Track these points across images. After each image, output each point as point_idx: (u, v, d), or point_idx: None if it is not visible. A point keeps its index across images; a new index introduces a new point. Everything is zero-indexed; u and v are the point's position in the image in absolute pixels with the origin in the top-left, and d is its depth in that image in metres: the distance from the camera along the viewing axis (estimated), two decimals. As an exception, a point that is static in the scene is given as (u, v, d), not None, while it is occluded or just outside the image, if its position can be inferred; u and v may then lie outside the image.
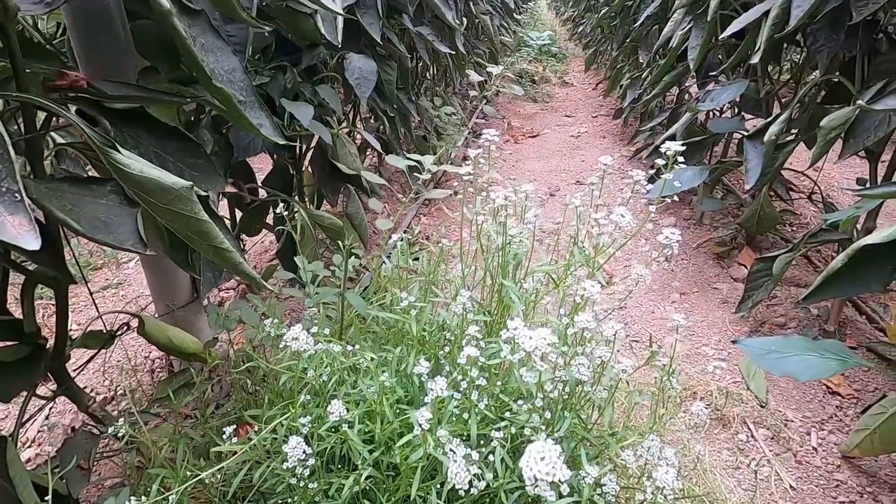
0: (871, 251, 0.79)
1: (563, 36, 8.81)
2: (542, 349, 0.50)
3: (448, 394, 0.54)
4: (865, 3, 1.08)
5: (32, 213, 0.37)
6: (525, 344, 0.50)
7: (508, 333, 0.53)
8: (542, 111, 4.37)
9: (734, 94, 1.55)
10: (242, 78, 0.84)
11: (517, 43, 5.89)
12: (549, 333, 0.51)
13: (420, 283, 0.93)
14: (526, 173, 2.90)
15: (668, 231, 0.70)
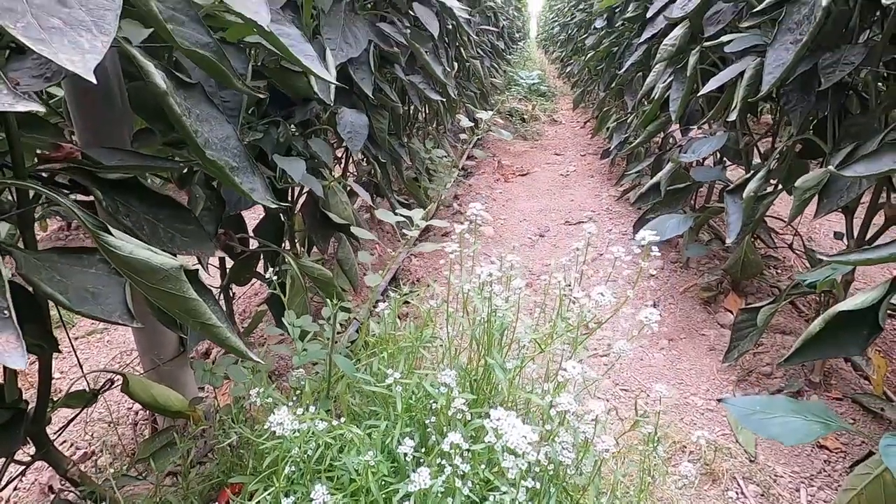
0: (848, 316, 0.81)
1: (553, 74, 9.09)
2: (522, 448, 0.50)
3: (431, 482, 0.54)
4: (832, 70, 1.14)
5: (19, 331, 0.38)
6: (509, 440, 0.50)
7: (492, 423, 0.53)
8: (532, 149, 4.47)
9: (715, 147, 1.61)
10: (236, 145, 0.86)
11: (507, 82, 6.07)
12: (530, 431, 0.51)
13: (407, 348, 0.93)
14: (516, 213, 2.94)
15: (647, 311, 0.72)
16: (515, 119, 5.08)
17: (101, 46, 0.52)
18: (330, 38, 1.40)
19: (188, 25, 0.85)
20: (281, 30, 0.99)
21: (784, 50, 1.13)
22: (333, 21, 1.42)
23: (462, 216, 2.78)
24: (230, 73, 0.87)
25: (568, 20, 6.21)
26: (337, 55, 1.39)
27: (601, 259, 2.31)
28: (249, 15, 0.83)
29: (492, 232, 2.60)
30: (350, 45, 1.42)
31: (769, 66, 1.15)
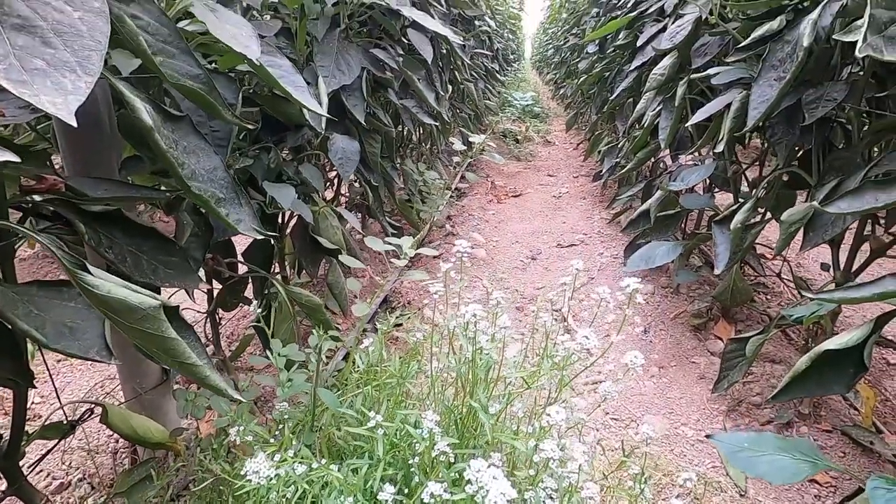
0: (834, 354, 0.81)
1: (546, 94, 9.22)
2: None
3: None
4: (816, 106, 1.16)
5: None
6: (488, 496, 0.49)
7: (471, 474, 0.52)
8: (526, 170, 4.51)
9: (703, 176, 1.63)
10: (223, 176, 0.85)
11: (502, 102, 6.14)
12: (509, 487, 0.50)
13: (391, 384, 0.92)
14: (508, 235, 2.95)
15: (631, 355, 0.71)
16: (509, 140, 5.13)
17: (85, 87, 0.52)
18: (323, 65, 1.41)
19: (178, 58, 0.85)
20: (272, 61, 0.99)
21: (768, 86, 1.15)
22: (327, 49, 1.43)
23: (454, 237, 2.78)
24: (219, 104, 0.87)
25: (561, 44, 6.33)
26: (329, 82, 1.40)
27: (592, 283, 2.31)
28: (239, 49, 0.84)
29: (484, 254, 2.60)
30: (343, 72, 1.43)
31: (754, 101, 1.17)
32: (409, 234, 2.64)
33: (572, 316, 2.03)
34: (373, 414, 0.70)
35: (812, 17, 1.04)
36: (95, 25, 0.56)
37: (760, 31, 1.28)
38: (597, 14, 3.79)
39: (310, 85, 1.41)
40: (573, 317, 2.03)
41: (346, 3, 1.52)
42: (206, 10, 0.85)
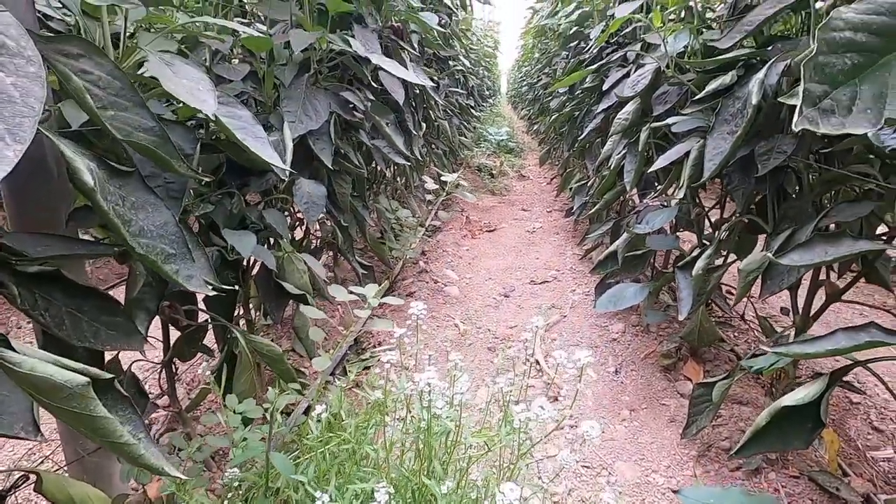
0: (792, 410, 0.81)
1: (521, 128, 9.45)
2: None
3: None
4: (767, 157, 1.21)
5: None
6: None
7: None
8: (500, 204, 4.56)
9: (667, 219, 1.66)
10: (174, 231, 0.83)
11: (477, 137, 6.27)
12: None
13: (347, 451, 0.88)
14: (482, 271, 2.94)
15: (588, 425, 0.70)
16: (484, 174, 5.21)
17: (13, 156, 0.50)
18: (290, 110, 1.41)
19: (131, 110, 0.83)
20: (231, 112, 0.98)
21: (722, 139, 1.20)
22: (294, 94, 1.43)
23: (428, 274, 2.77)
24: (172, 157, 0.85)
25: (534, 81, 6.53)
26: (296, 128, 1.39)
27: (564, 322, 2.31)
28: (196, 104, 0.82)
29: (457, 292, 2.58)
30: (310, 117, 1.43)
31: (709, 153, 1.21)
32: (381, 272, 2.62)
33: (544, 356, 2.02)
34: (319, 494, 0.66)
35: (759, 76, 1.09)
36: (30, 91, 0.54)
37: (714, 84, 1.34)
38: (566, 56, 3.93)
39: (275, 129, 1.41)
40: (545, 356, 2.02)
41: (316, 49, 1.53)
42: (162, 64, 0.84)
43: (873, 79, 0.66)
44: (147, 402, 1.18)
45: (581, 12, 3.31)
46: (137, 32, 0.98)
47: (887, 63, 0.66)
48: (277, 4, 1.54)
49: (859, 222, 1.17)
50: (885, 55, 0.66)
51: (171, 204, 0.91)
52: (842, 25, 0.65)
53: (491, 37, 9.12)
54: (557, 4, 4.48)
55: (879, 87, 0.65)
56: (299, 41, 1.35)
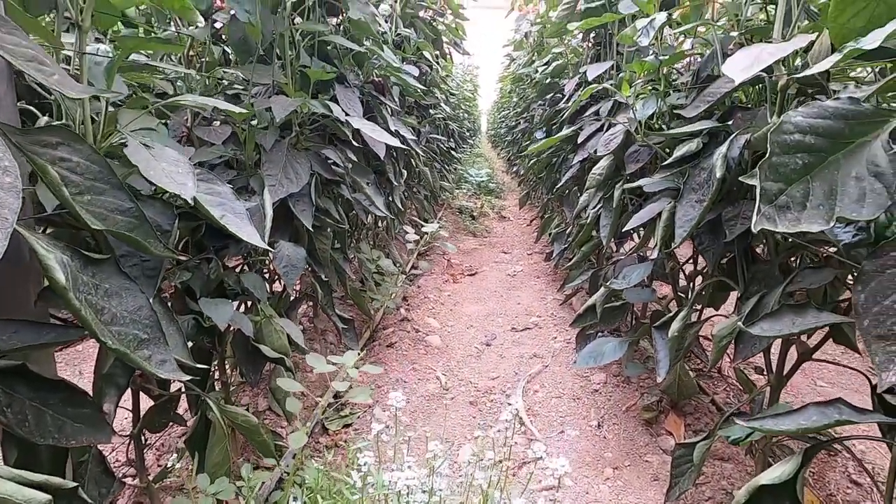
0: (769, 489, 0.82)
1: (501, 167, 9.65)
2: None
3: None
4: (734, 223, 1.26)
5: None
6: None
7: None
8: (481, 246, 4.60)
9: (644, 274, 1.70)
10: (148, 315, 0.82)
11: (458, 178, 6.38)
12: None
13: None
14: (463, 318, 2.94)
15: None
16: (465, 216, 5.27)
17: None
18: (270, 174, 1.42)
19: (108, 193, 0.84)
20: (211, 189, 0.99)
21: (690, 207, 1.25)
22: (275, 157, 1.45)
23: (409, 323, 2.75)
24: (150, 237, 0.85)
25: (513, 125, 6.73)
26: (277, 191, 1.40)
27: (546, 372, 2.31)
28: (174, 189, 0.83)
29: (438, 342, 2.57)
30: (291, 180, 1.45)
31: (679, 220, 1.26)
32: (362, 321, 2.59)
33: (526, 410, 2.00)
34: None
35: (722, 150, 1.15)
36: (4, 203, 0.54)
37: (681, 151, 1.40)
38: (543, 104, 4.08)
39: (255, 194, 1.42)
40: (528, 412, 2.00)
41: (297, 112, 1.56)
42: (140, 148, 0.85)
43: (823, 176, 0.70)
44: (113, 482, 1.12)
45: (556, 64, 3.46)
46: (119, 110, 0.98)
47: (835, 161, 0.70)
48: (260, 69, 1.58)
49: (823, 288, 1.21)
50: (832, 154, 0.71)
51: (146, 283, 0.91)
52: (792, 129, 0.70)
53: (471, 81, 9.43)
54: (533, 55, 4.68)
55: (829, 184, 0.70)
56: (281, 109, 1.38)
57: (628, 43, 1.54)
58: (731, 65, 1.01)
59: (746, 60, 1.00)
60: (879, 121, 0.70)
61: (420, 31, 3.50)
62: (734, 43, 1.40)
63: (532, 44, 4.55)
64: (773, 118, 1.22)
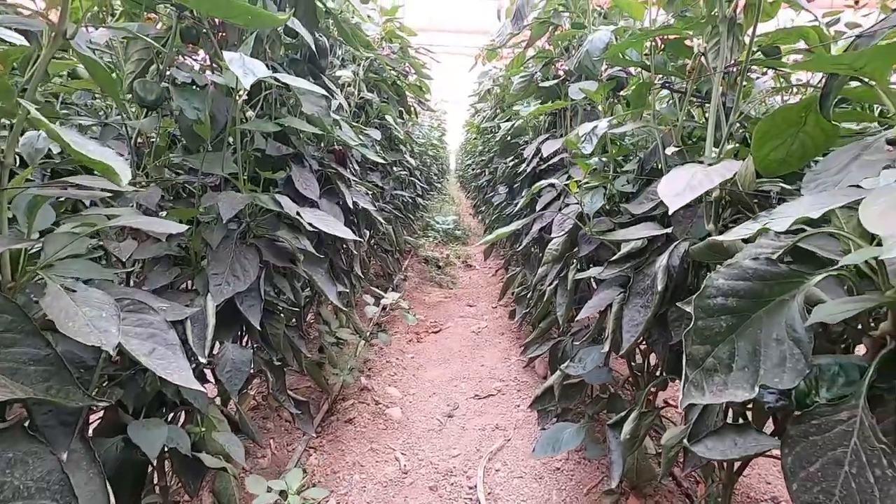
0: None
1: (467, 208, 9.76)
2: None
3: None
4: (679, 324, 1.29)
5: None
6: None
7: None
8: (447, 298, 4.59)
9: (598, 360, 1.71)
10: (59, 479, 0.76)
11: (424, 226, 6.41)
12: None
13: None
14: (426, 384, 2.88)
15: None
16: (431, 266, 5.27)
17: None
18: (216, 272, 1.38)
19: (22, 343, 0.79)
20: (141, 320, 0.94)
21: (637, 311, 1.27)
22: (221, 255, 1.41)
23: (369, 393, 2.68)
24: (66, 387, 0.80)
25: (478, 172, 6.86)
26: (223, 291, 1.36)
27: (508, 447, 2.26)
28: (95, 340, 0.78)
29: (399, 414, 2.50)
30: (238, 278, 1.41)
31: (626, 324, 1.28)
32: (320, 392, 2.50)
33: (488, 496, 1.94)
34: None
35: (662, 262, 1.19)
36: None
37: (626, 248, 1.44)
38: (505, 163, 4.18)
39: (199, 295, 1.37)
40: (488, 496, 1.95)
41: (247, 208, 1.54)
42: (60, 294, 0.81)
43: (748, 335, 0.72)
44: None
45: (516, 126, 3.57)
46: (47, 237, 0.94)
47: (757, 319, 0.73)
48: (211, 157, 1.56)
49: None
50: (755, 312, 0.73)
51: (61, 435, 0.84)
52: (714, 292, 0.72)
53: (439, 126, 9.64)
54: (496, 109, 4.83)
55: (753, 344, 0.71)
56: (229, 208, 1.36)
57: (572, 148, 1.60)
58: (666, 188, 1.06)
59: (679, 185, 1.05)
60: (796, 281, 0.73)
61: (384, 93, 3.56)
62: (672, 145, 1.47)
63: (495, 97, 4.68)
64: (710, 225, 1.27)
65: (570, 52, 2.57)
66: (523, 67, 3.03)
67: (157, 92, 1.48)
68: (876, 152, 0.77)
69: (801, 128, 0.96)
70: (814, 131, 0.95)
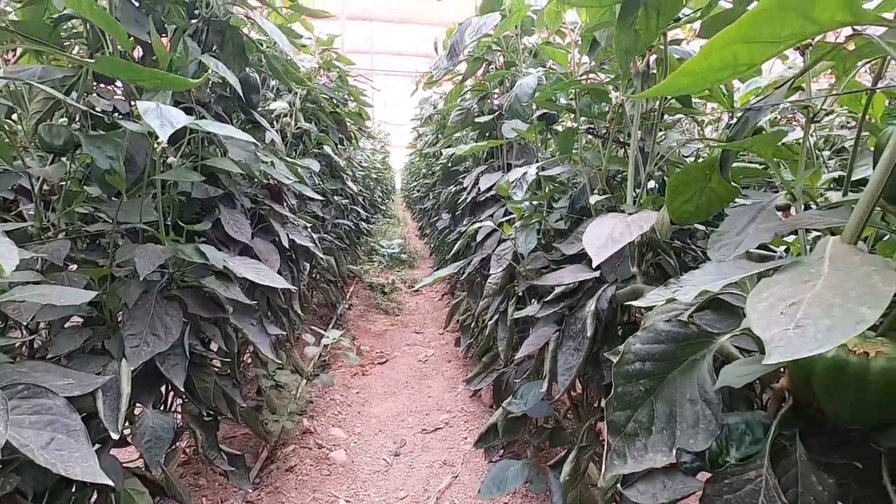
0: None
1: (413, 229, 9.76)
2: None
3: None
4: (610, 365, 1.33)
5: None
6: None
7: None
8: (393, 326, 4.53)
9: (539, 396, 1.74)
10: None
11: (369, 250, 6.34)
12: None
13: None
14: (372, 421, 2.81)
15: None
16: (377, 292, 5.20)
17: None
18: (133, 333, 1.28)
19: None
20: (38, 405, 0.86)
21: (570, 354, 1.31)
22: (140, 313, 1.32)
23: (312, 436, 2.57)
24: None
25: (423, 195, 6.90)
26: (141, 353, 1.27)
27: (456, 484, 2.24)
28: None
29: (343, 457, 2.41)
30: (159, 337, 1.32)
31: (560, 367, 1.31)
32: (258, 441, 2.37)
33: (435, 539, 1.90)
34: None
35: (591, 308, 1.23)
36: None
37: (560, 289, 1.48)
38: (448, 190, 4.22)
39: (114, 359, 1.27)
40: (436, 540, 1.91)
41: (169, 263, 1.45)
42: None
43: (664, 396, 0.75)
44: None
45: (456, 155, 3.63)
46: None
47: (672, 380, 0.76)
48: (128, 205, 1.46)
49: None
50: (670, 373, 0.76)
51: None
52: (632, 358, 0.75)
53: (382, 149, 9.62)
54: (438, 134, 4.89)
55: (670, 405, 0.75)
56: (147, 263, 1.27)
57: (504, 193, 1.64)
58: (591, 240, 1.10)
59: (603, 237, 1.09)
60: (704, 341, 0.77)
61: (322, 122, 3.51)
62: (598, 189, 1.54)
63: (436, 122, 4.73)
64: (634, 267, 1.33)
65: (505, 84, 2.66)
66: (460, 99, 3.10)
67: (65, 136, 1.38)
68: (769, 216, 0.84)
69: (707, 184, 1.03)
70: (718, 187, 1.02)
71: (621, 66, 1.20)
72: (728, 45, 0.51)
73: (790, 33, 0.52)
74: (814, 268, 0.51)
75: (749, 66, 0.56)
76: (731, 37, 0.50)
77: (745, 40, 0.51)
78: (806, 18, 0.51)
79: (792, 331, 0.44)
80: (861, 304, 0.43)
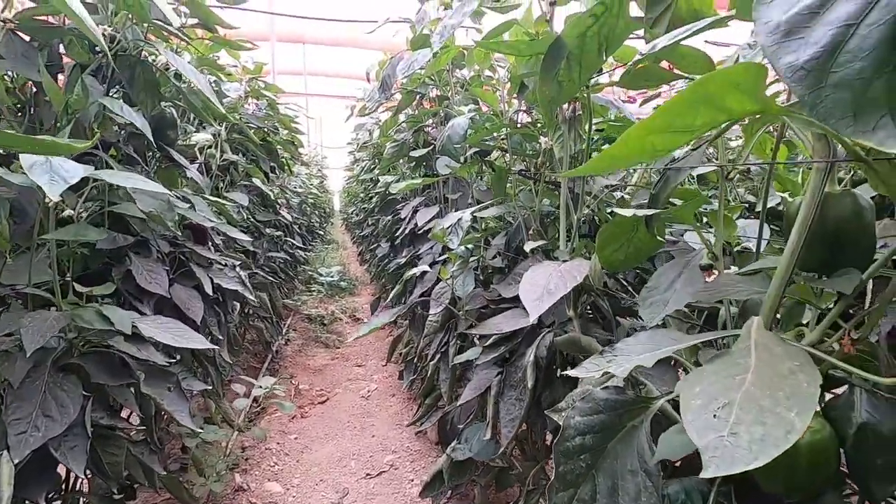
0: None
1: (353, 254, 9.55)
2: None
3: None
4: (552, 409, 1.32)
5: None
6: None
7: None
8: (334, 360, 4.36)
9: (482, 441, 1.70)
10: None
11: (307, 279, 6.11)
12: None
13: None
14: (312, 469, 2.65)
15: None
16: (316, 324, 5.00)
17: None
18: (19, 417, 1.12)
19: None
20: None
21: (512, 405, 1.28)
22: (27, 392, 1.15)
23: (245, 495, 2.38)
24: None
25: (361, 220, 6.78)
26: (28, 440, 1.10)
27: (403, 535, 2.14)
28: None
29: (280, 516, 2.25)
30: (52, 418, 1.15)
31: (504, 418, 1.28)
32: (182, 510, 2.15)
33: None
34: None
35: (531, 358, 1.22)
36: None
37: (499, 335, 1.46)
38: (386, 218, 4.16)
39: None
40: None
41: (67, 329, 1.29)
42: None
43: (605, 468, 0.73)
44: None
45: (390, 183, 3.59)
46: None
47: (613, 451, 0.74)
48: (15, 265, 1.29)
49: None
50: (609, 443, 0.75)
51: None
52: (573, 433, 0.73)
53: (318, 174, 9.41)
54: (374, 160, 4.83)
55: (612, 477, 0.73)
56: (35, 335, 1.11)
57: (440, 241, 1.62)
58: (525, 292, 1.08)
59: (539, 289, 1.08)
60: (642, 407, 0.76)
61: (251, 153, 3.36)
62: (533, 229, 1.55)
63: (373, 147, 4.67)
64: (570, 311, 1.34)
65: (440, 116, 2.66)
66: (395, 130, 3.07)
67: (-64, 189, 1.20)
68: (693, 273, 0.86)
69: (634, 234, 1.06)
70: (644, 238, 1.04)
71: (547, 115, 1.22)
72: (645, 135, 0.51)
73: (703, 123, 0.53)
74: (742, 358, 0.51)
75: (666, 151, 0.56)
76: (647, 128, 0.50)
77: (661, 131, 0.51)
78: (718, 109, 0.51)
79: (727, 438, 0.43)
80: (790, 408, 0.42)
